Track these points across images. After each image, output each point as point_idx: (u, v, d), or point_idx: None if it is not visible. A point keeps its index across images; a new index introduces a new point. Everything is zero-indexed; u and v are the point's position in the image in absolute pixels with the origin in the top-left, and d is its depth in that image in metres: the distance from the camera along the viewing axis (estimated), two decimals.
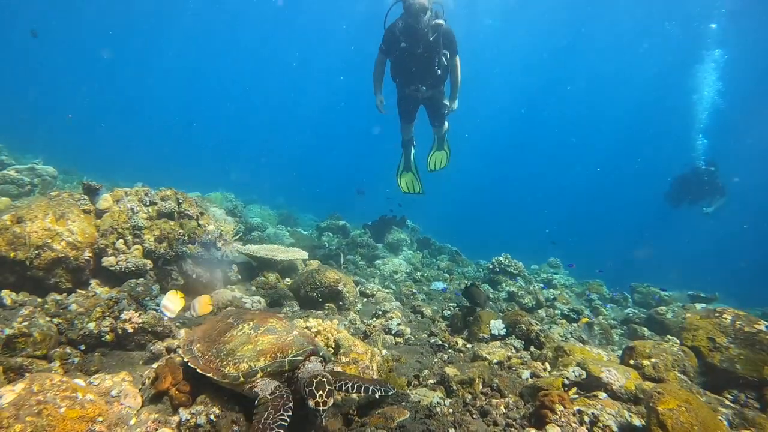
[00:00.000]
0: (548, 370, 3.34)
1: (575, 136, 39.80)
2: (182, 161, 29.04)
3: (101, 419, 1.84)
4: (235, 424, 1.97)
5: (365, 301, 5.41)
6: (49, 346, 2.63)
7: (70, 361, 2.64)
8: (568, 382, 2.93)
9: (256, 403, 1.93)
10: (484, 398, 2.76)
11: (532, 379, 3.16)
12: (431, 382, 2.99)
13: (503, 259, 7.69)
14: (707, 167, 11.83)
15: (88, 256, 3.65)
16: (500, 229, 30.05)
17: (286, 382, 2.07)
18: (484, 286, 7.30)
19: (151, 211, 4.08)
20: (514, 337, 4.07)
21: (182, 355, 2.27)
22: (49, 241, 3.42)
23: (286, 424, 1.78)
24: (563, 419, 2.34)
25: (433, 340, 4.04)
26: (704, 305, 6.08)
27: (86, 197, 4.03)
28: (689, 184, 12.12)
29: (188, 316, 3.40)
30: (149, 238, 3.93)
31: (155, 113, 41.37)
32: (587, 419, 2.39)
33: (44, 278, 3.43)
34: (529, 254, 10.36)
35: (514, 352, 3.80)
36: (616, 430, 2.35)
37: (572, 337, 4.57)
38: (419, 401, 2.52)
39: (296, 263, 5.69)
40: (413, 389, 2.82)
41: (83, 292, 3.44)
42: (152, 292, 3.50)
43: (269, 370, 2.03)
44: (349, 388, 2.16)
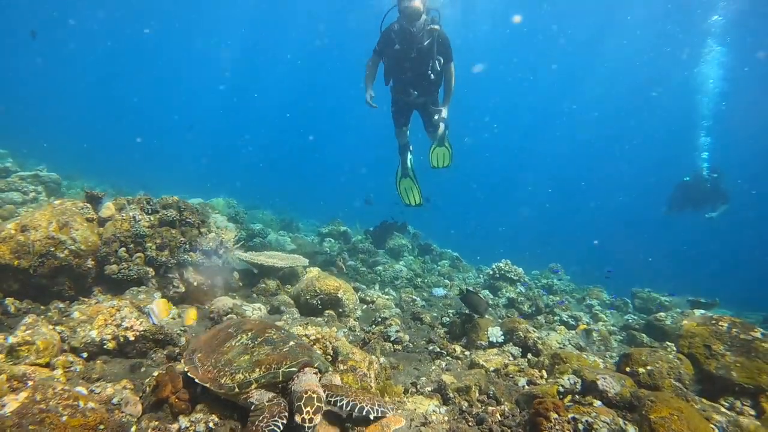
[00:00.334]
0: (545, 377, 3.37)
1: (578, 136, 39.92)
2: (185, 166, 29.22)
3: (102, 427, 1.88)
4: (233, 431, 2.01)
5: (365, 307, 5.44)
6: (51, 354, 2.67)
7: (72, 369, 2.67)
8: (563, 389, 2.96)
9: (252, 408, 1.98)
10: (480, 406, 2.79)
11: (528, 386, 3.19)
12: (428, 389, 3.02)
13: (503, 265, 7.72)
14: (710, 174, 11.82)
15: (90, 264, 3.72)
16: (502, 232, 30.09)
17: (280, 392, 2.09)
18: (484, 292, 7.33)
19: (153, 219, 4.15)
20: (511, 344, 4.10)
21: (183, 363, 2.32)
22: (52, 249, 3.49)
23: (278, 430, 1.81)
24: (557, 427, 2.36)
25: (431, 347, 4.08)
26: (704, 311, 6.08)
27: (89, 206, 4.09)
28: (692, 190, 12.10)
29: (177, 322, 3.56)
30: (151, 246, 3.99)
31: (155, 114, 41.82)
32: (581, 427, 2.41)
33: (48, 286, 3.50)
34: (530, 260, 10.41)
35: (511, 359, 3.82)
36: None
37: (570, 344, 4.59)
38: (415, 409, 2.55)
39: (297, 270, 5.73)
40: (410, 397, 2.86)
41: (86, 299, 3.50)
42: (154, 299, 3.55)
43: (263, 381, 2.06)
44: (343, 405, 2.10)
